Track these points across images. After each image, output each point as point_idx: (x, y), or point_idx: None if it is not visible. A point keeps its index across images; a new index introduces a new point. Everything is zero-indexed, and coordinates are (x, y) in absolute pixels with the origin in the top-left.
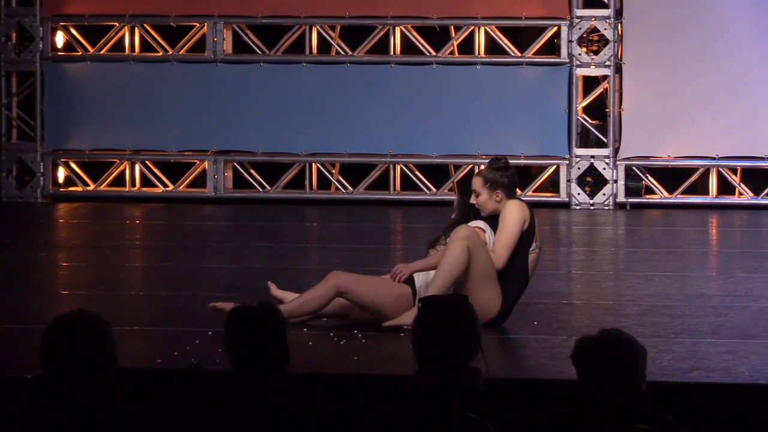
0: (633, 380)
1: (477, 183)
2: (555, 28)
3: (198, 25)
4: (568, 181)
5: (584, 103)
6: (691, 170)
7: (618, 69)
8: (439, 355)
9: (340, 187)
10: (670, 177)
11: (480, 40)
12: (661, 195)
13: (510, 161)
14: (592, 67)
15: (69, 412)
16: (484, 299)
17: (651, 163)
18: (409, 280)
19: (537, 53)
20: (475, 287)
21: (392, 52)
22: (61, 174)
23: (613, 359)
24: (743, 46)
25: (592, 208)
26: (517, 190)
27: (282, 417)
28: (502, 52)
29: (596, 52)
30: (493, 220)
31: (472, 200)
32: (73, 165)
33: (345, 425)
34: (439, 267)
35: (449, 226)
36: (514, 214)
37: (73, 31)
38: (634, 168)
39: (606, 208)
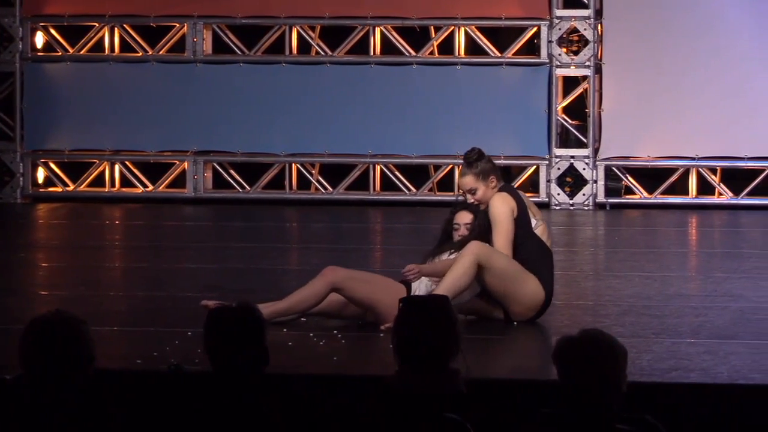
0: (614, 380)
1: (470, 181)
2: (535, 29)
3: (178, 25)
4: (548, 181)
5: (564, 104)
6: (671, 170)
7: (598, 69)
8: (419, 355)
9: (319, 187)
10: (650, 177)
11: (460, 41)
12: (640, 195)
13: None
14: (571, 67)
15: (48, 412)
16: (529, 294)
17: (631, 163)
18: (407, 283)
19: (517, 53)
20: (514, 290)
21: (372, 53)
22: (41, 174)
23: (594, 359)
24: (723, 47)
25: (571, 208)
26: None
27: (262, 417)
28: (482, 52)
29: (576, 53)
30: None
31: (470, 200)
32: (52, 165)
33: (324, 426)
34: (444, 278)
35: (458, 243)
36: (500, 209)
37: (53, 32)
38: (613, 168)
39: (586, 208)
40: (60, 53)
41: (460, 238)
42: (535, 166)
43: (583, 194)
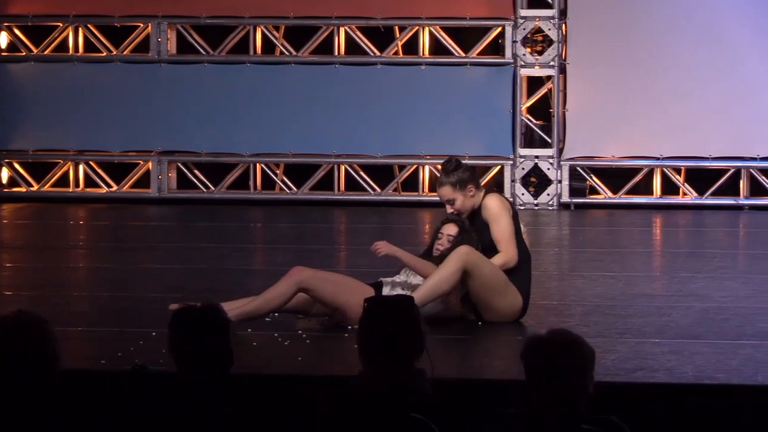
0: (581, 381)
1: (447, 191)
2: (499, 29)
3: (142, 25)
4: (513, 181)
5: (528, 104)
6: (636, 170)
7: (562, 69)
8: (384, 355)
9: (284, 187)
10: (615, 177)
11: (424, 41)
12: (605, 195)
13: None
14: (536, 67)
15: (10, 412)
16: (507, 303)
17: (595, 163)
18: (377, 286)
19: (481, 53)
20: (495, 301)
21: (337, 53)
22: (5, 174)
23: (562, 359)
24: (687, 48)
25: (536, 208)
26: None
27: (226, 418)
28: (447, 52)
29: (540, 53)
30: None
31: (449, 210)
32: (16, 165)
33: (290, 426)
34: (428, 279)
35: (437, 258)
36: (498, 207)
37: (17, 32)
38: (578, 168)
39: (550, 208)
40: (24, 53)
41: (440, 248)
42: (499, 166)
43: (548, 194)
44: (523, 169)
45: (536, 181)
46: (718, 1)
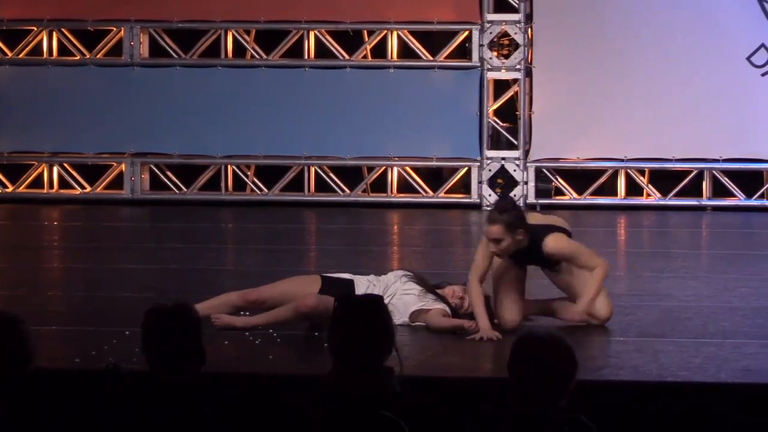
0: (563, 385)
1: (497, 230)
2: (466, 33)
3: (115, 29)
4: (480, 182)
5: (495, 106)
6: (600, 172)
7: (528, 73)
8: (353, 354)
9: (255, 188)
10: (580, 178)
11: (393, 45)
12: (570, 196)
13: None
14: (502, 70)
15: None
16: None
17: (560, 164)
18: (349, 284)
19: (449, 57)
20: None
21: (306, 56)
22: None
23: (552, 360)
24: (651, 51)
25: None
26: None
27: (197, 416)
28: (415, 56)
29: (507, 56)
30: (520, 257)
31: (493, 249)
32: None
33: (260, 424)
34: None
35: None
36: (568, 242)
37: None
38: (544, 170)
39: None
40: None
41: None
42: (466, 168)
43: (514, 195)
44: (489, 170)
45: (503, 182)
46: (681, 4)
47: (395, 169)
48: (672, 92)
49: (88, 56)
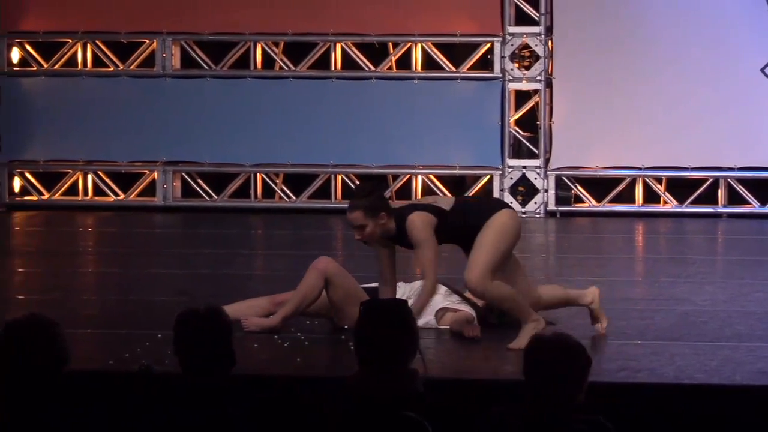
0: (577, 385)
1: (358, 216)
2: (488, 45)
3: (147, 41)
4: (501, 190)
5: (516, 116)
6: (618, 180)
7: (548, 83)
8: (378, 356)
9: (283, 196)
10: (598, 186)
11: (417, 56)
12: (589, 203)
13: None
14: (523, 81)
15: (19, 412)
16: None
17: (580, 173)
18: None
19: (471, 68)
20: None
21: (333, 68)
22: (17, 184)
23: (565, 360)
24: (667, 63)
25: (524, 216)
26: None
27: (228, 417)
28: (438, 67)
29: (528, 68)
30: (397, 240)
31: (356, 236)
32: (28, 175)
33: (288, 425)
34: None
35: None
36: (423, 231)
37: (29, 48)
38: (563, 178)
39: (537, 216)
40: (35, 68)
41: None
42: (488, 176)
43: (535, 203)
44: (511, 178)
45: (524, 190)
46: (697, 17)
47: (419, 177)
48: (688, 103)
49: (121, 67)
